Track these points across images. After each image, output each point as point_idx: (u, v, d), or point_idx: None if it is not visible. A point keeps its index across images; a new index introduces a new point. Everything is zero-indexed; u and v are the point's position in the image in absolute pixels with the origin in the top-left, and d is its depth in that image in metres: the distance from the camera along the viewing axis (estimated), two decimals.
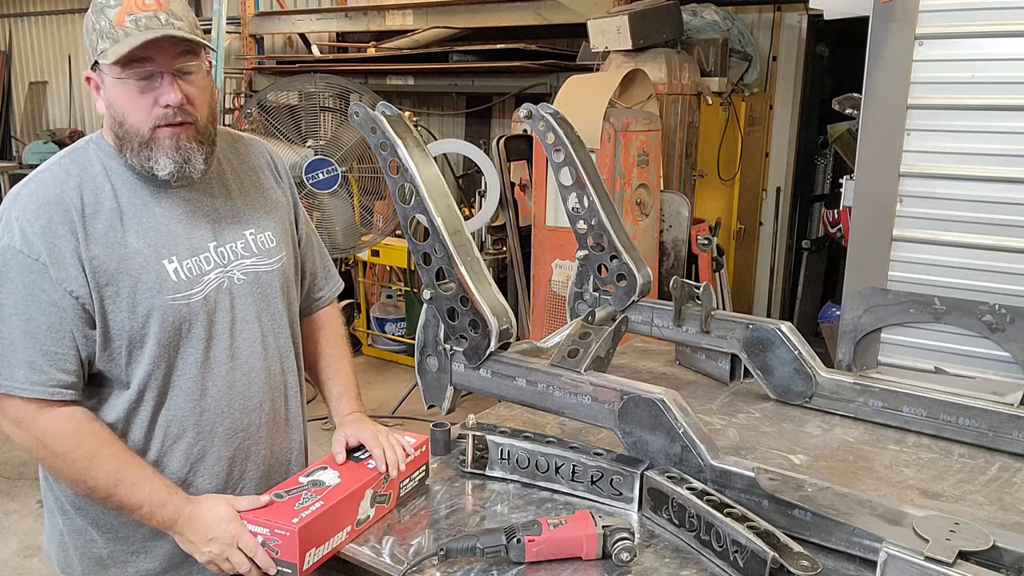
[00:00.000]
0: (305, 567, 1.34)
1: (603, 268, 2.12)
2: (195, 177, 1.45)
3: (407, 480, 1.56)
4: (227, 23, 5.29)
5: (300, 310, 1.72)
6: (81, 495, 1.44)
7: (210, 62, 1.47)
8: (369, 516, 1.47)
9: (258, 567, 1.35)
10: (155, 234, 1.43)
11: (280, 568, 1.35)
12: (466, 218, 3.80)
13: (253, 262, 1.55)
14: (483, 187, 5.00)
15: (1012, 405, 1.83)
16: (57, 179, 1.40)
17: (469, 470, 1.64)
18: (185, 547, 1.41)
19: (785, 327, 1.96)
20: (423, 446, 1.60)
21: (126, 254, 1.39)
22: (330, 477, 1.46)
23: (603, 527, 1.33)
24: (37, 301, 1.34)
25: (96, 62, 1.37)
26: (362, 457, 1.54)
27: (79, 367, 1.39)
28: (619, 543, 1.32)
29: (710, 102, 4.93)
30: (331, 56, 7.25)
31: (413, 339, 2.15)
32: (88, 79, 1.42)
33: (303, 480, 1.45)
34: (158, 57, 1.36)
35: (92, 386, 1.44)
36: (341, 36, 7.55)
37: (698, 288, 2.06)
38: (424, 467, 1.61)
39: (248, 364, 1.53)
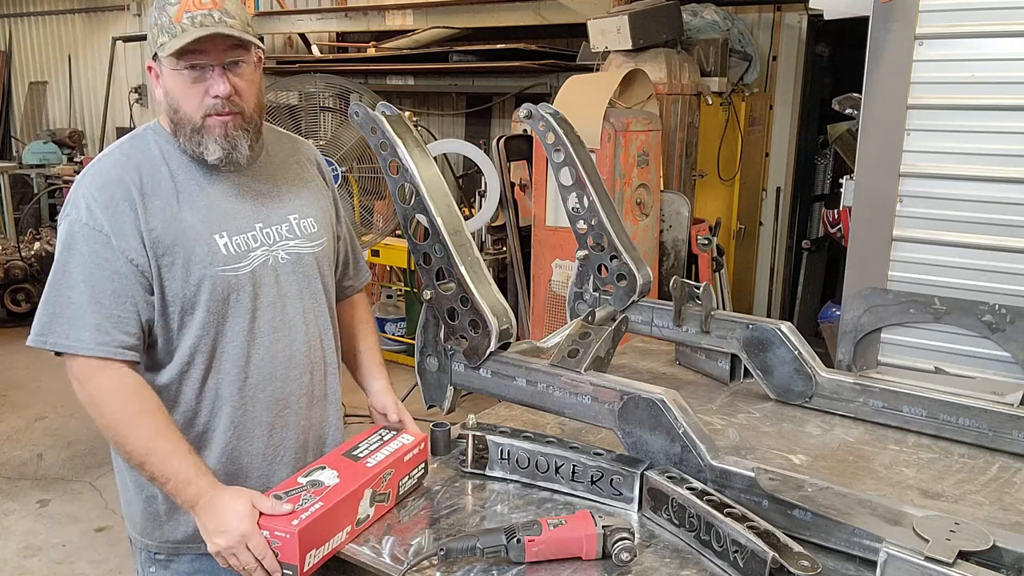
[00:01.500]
0: (306, 568, 1.34)
1: (603, 268, 2.12)
2: (241, 162, 1.58)
3: (406, 478, 1.56)
4: None
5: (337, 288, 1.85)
6: (123, 458, 1.53)
7: (260, 57, 1.60)
8: (369, 515, 1.47)
9: (264, 570, 1.35)
10: (207, 211, 1.55)
11: (282, 570, 1.35)
12: (466, 218, 3.80)
13: (296, 244, 1.67)
14: (483, 187, 4.99)
15: (1012, 405, 1.83)
16: (119, 162, 1.54)
17: (469, 470, 1.64)
18: (201, 531, 1.43)
19: (785, 327, 1.96)
20: (422, 443, 1.61)
21: (181, 228, 1.52)
22: (329, 477, 1.46)
23: (603, 527, 1.33)
24: (102, 269, 1.47)
25: (156, 54, 1.50)
26: (361, 456, 1.54)
27: (140, 330, 1.50)
28: (619, 543, 1.32)
29: (710, 102, 4.93)
30: (331, 56, 7.25)
31: (413, 339, 2.15)
32: (150, 68, 1.55)
33: (302, 480, 1.45)
34: (210, 51, 1.48)
35: (149, 351, 1.56)
36: (341, 36, 7.55)
37: (698, 288, 2.06)
38: (423, 464, 1.61)
39: (290, 336, 1.64)
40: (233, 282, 1.55)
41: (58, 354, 1.49)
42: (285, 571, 1.34)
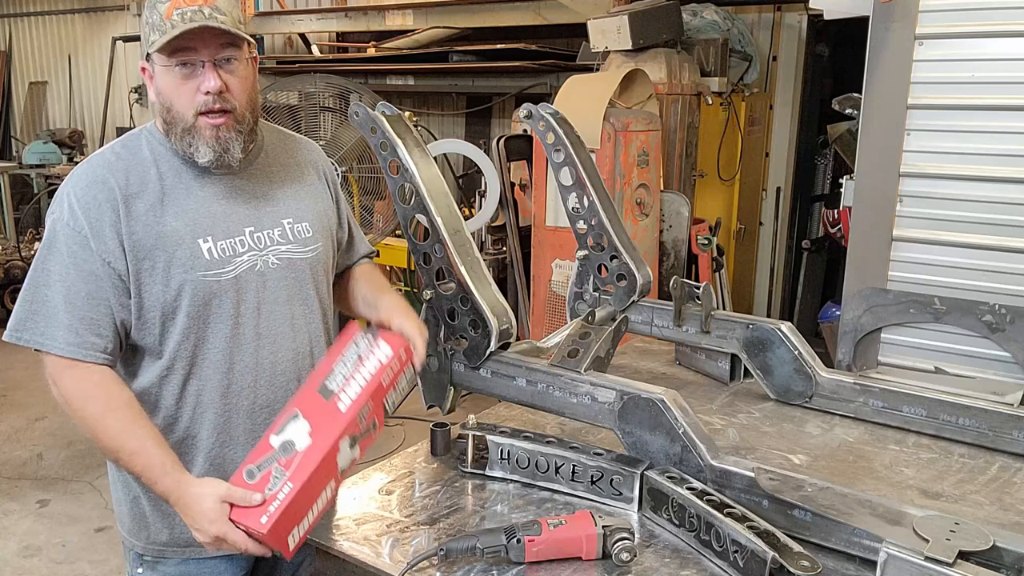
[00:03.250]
0: (292, 547, 1.33)
1: (603, 268, 2.12)
2: (233, 165, 1.55)
3: (392, 393, 1.46)
4: None
5: (337, 268, 1.81)
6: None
7: (255, 56, 1.58)
8: (355, 457, 1.40)
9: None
10: (193, 215, 1.53)
11: (271, 552, 1.35)
12: (466, 218, 3.80)
13: (288, 249, 1.63)
14: (483, 187, 4.99)
15: (1012, 405, 1.83)
16: (107, 161, 1.53)
17: (469, 470, 1.64)
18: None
19: (785, 327, 1.96)
20: (402, 351, 1.47)
21: (163, 232, 1.50)
22: (301, 434, 1.36)
23: (603, 527, 1.33)
24: (79, 270, 1.46)
25: (149, 53, 1.49)
26: (334, 390, 1.42)
27: (114, 333, 1.49)
28: (619, 543, 1.32)
29: (710, 102, 4.93)
30: (331, 56, 7.25)
31: None
32: (143, 69, 1.54)
33: (274, 443, 1.36)
34: (201, 47, 1.46)
35: (128, 355, 1.55)
36: (341, 36, 7.55)
37: (698, 288, 2.06)
38: (411, 369, 1.50)
39: (275, 343, 1.61)
40: (215, 287, 1.52)
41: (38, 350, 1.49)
42: (274, 552, 1.34)
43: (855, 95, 2.67)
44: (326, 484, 1.37)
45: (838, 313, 2.71)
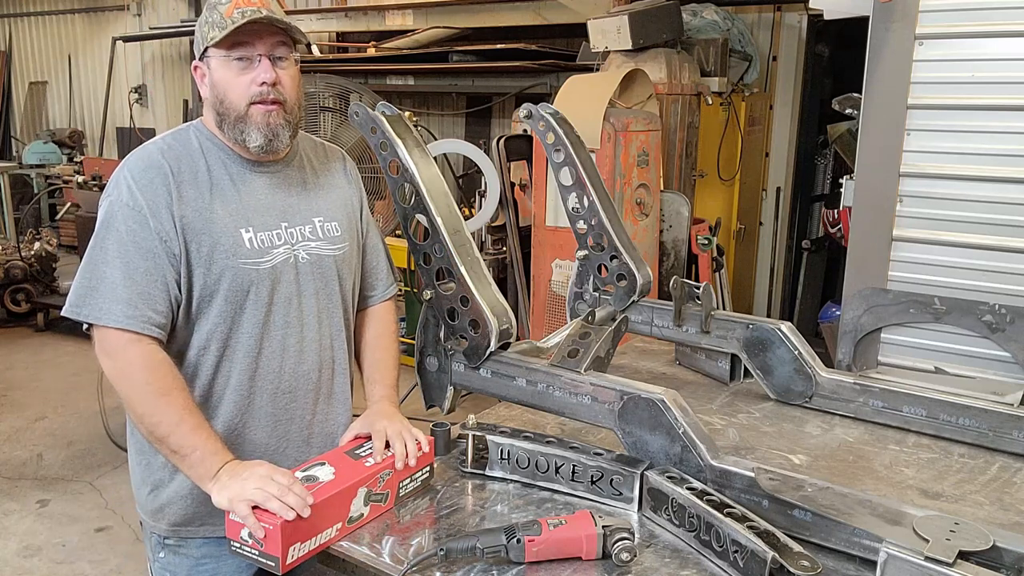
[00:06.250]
0: (289, 560, 1.35)
1: (603, 268, 2.12)
2: (280, 151, 1.66)
3: (408, 480, 1.56)
4: None
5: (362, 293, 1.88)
6: (144, 433, 1.57)
7: (299, 58, 1.68)
8: (363, 514, 1.47)
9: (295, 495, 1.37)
10: (237, 206, 1.62)
11: (265, 560, 1.36)
12: (466, 218, 3.80)
13: (317, 245, 1.72)
14: (483, 187, 4.99)
15: (1012, 405, 1.83)
16: (160, 148, 1.62)
17: (469, 470, 1.64)
18: (220, 495, 1.43)
19: (785, 327, 1.96)
20: (426, 443, 1.60)
21: (211, 218, 1.59)
22: (325, 473, 1.47)
23: (603, 527, 1.33)
24: (137, 248, 1.53)
25: (205, 51, 1.59)
26: (362, 455, 1.55)
27: (168, 309, 1.56)
28: (619, 543, 1.32)
29: (710, 102, 4.93)
30: (331, 56, 7.25)
31: (413, 339, 2.14)
32: (196, 68, 1.64)
33: (298, 475, 1.46)
34: (257, 42, 1.58)
35: (169, 332, 1.60)
36: (341, 36, 7.56)
37: (698, 288, 2.06)
38: (428, 468, 1.61)
39: (301, 333, 1.69)
40: (254, 276, 1.61)
41: (86, 330, 1.55)
42: (268, 562, 1.35)
43: (855, 95, 2.67)
44: (335, 521, 1.43)
45: (838, 313, 2.72)
